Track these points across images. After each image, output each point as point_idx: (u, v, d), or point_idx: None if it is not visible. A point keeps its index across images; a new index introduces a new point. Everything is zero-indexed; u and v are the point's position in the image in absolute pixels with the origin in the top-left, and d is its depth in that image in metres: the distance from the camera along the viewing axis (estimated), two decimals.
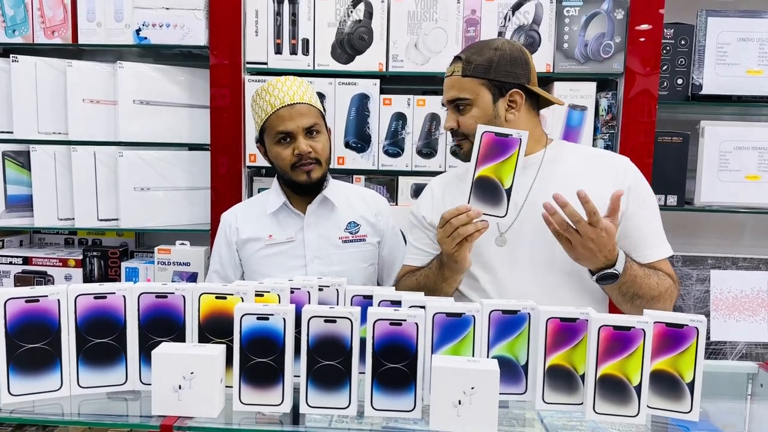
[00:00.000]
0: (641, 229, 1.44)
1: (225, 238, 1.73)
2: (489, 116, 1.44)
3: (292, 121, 1.59)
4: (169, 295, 1.13)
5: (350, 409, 1.06)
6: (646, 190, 1.48)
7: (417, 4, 2.03)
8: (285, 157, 1.62)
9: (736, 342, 2.09)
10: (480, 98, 1.44)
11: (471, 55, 1.45)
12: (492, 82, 1.43)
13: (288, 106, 1.60)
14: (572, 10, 2.02)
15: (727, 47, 2.05)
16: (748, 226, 2.38)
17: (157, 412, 1.05)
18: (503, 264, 1.46)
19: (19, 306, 1.07)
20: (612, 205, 1.28)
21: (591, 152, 1.57)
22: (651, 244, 1.45)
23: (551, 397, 1.10)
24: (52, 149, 2.13)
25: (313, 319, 1.05)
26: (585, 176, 1.44)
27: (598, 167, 1.48)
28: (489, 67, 1.43)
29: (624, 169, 1.46)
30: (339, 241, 1.68)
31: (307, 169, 1.61)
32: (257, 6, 2.05)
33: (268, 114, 1.62)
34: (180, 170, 2.20)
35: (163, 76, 2.16)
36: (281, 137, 1.61)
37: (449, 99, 1.48)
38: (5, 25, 2.11)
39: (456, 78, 1.46)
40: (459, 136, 1.48)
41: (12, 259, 2.23)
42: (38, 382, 1.09)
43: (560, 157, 1.50)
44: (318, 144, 1.62)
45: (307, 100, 1.62)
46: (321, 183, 1.67)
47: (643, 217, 1.45)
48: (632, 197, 1.43)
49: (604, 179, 1.44)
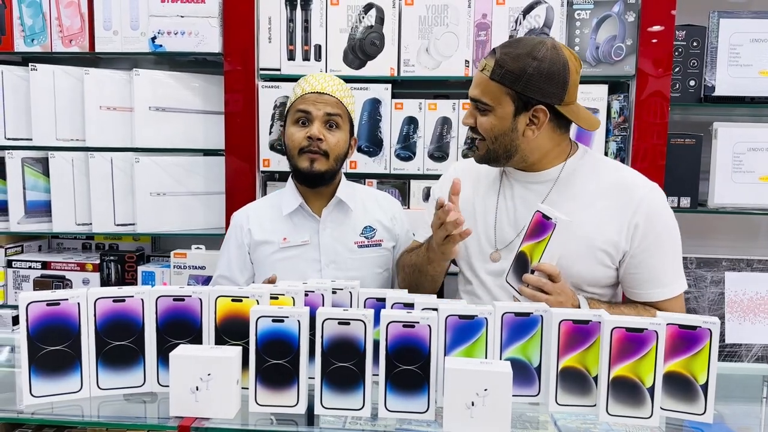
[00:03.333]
0: (648, 269, 1.38)
1: (236, 240, 1.70)
2: (506, 128, 1.35)
3: (314, 105, 1.59)
4: (186, 298, 1.15)
5: (364, 410, 1.07)
6: (660, 227, 1.37)
7: (428, 9, 2.05)
8: (296, 138, 1.60)
9: (752, 344, 2.08)
10: (501, 108, 1.34)
11: (506, 57, 1.32)
12: (519, 94, 1.32)
13: (316, 93, 1.60)
14: (583, 13, 2.02)
15: (740, 48, 2.05)
16: (762, 227, 2.36)
17: (174, 413, 1.06)
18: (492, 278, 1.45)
19: (40, 309, 1.10)
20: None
21: (612, 179, 1.41)
22: (654, 284, 1.39)
23: (564, 399, 1.10)
24: (70, 155, 2.17)
25: (327, 321, 1.06)
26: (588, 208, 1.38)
27: (613, 198, 1.38)
28: (519, 78, 1.31)
29: (636, 203, 1.36)
30: (354, 246, 1.66)
31: (312, 156, 1.58)
32: (270, 13, 2.08)
33: (297, 96, 1.63)
34: (195, 175, 2.23)
35: (178, 82, 2.19)
36: (300, 117, 1.61)
37: (472, 97, 1.38)
38: (24, 35, 2.16)
39: (483, 78, 1.35)
40: (477, 133, 1.41)
41: (31, 263, 2.28)
42: (59, 384, 1.12)
43: (578, 176, 1.42)
44: (332, 137, 1.60)
45: (338, 95, 1.62)
46: (324, 177, 1.61)
47: (654, 255, 1.37)
48: (639, 236, 1.36)
49: (611, 211, 1.37)
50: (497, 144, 1.38)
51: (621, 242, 1.36)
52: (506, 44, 1.36)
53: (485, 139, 1.39)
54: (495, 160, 1.43)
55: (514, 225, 1.45)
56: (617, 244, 1.37)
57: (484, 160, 1.44)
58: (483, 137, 1.39)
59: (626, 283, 1.42)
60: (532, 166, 1.43)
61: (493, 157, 1.42)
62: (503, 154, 1.40)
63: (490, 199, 1.50)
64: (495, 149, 1.39)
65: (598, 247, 1.37)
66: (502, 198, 1.48)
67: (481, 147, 1.41)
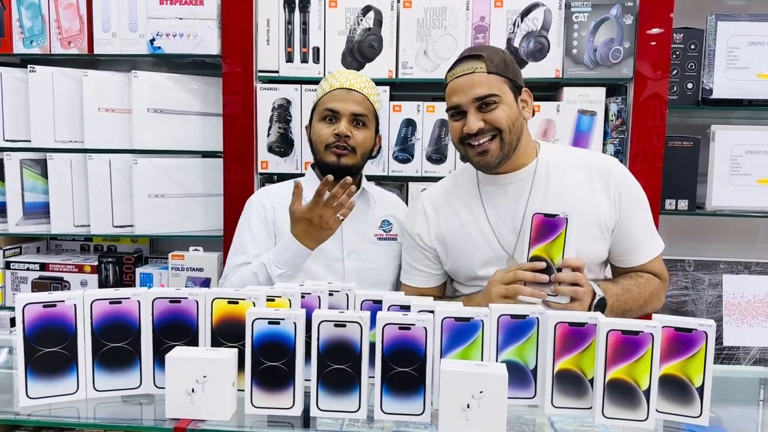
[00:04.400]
0: (634, 234, 1.48)
1: (258, 216, 1.66)
2: (515, 114, 1.42)
3: (342, 102, 1.61)
4: (182, 300, 1.15)
5: (360, 412, 1.07)
6: (635, 191, 1.49)
7: (426, 11, 2.05)
8: (323, 134, 1.62)
9: (750, 347, 2.08)
10: (506, 95, 1.42)
11: (488, 54, 1.42)
12: (510, 80, 1.43)
13: (344, 89, 1.62)
14: (581, 16, 2.02)
15: (738, 51, 2.05)
16: (760, 230, 2.37)
17: (170, 415, 1.06)
18: None
19: (37, 311, 1.10)
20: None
21: (576, 156, 1.54)
22: (643, 247, 1.49)
23: (560, 402, 1.10)
24: (69, 157, 2.17)
25: (323, 323, 1.06)
26: (577, 186, 1.46)
27: (588, 173, 1.48)
28: (507, 66, 1.43)
29: (612, 176, 1.46)
30: (374, 238, 1.70)
31: (339, 152, 1.61)
32: (269, 15, 2.08)
33: (324, 92, 1.65)
34: (193, 177, 2.23)
35: (177, 84, 2.19)
36: (327, 115, 1.63)
37: (477, 96, 1.40)
38: (23, 37, 2.16)
39: (482, 75, 1.40)
40: (487, 134, 1.41)
41: (29, 265, 2.28)
42: (55, 386, 1.12)
43: (552, 165, 1.49)
44: (359, 134, 1.62)
45: (366, 93, 1.64)
46: (350, 172, 1.61)
47: (636, 220, 1.48)
48: (623, 204, 1.46)
49: (596, 189, 1.46)
50: (513, 133, 1.42)
51: (612, 213, 1.45)
52: (474, 49, 1.48)
53: (501, 132, 1.41)
54: (506, 157, 1.44)
55: (512, 228, 1.47)
56: (610, 216, 1.45)
57: (496, 161, 1.43)
58: (496, 134, 1.41)
59: (616, 252, 1.50)
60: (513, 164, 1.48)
61: (507, 153, 1.43)
62: (516, 143, 1.44)
63: (476, 210, 1.52)
64: (511, 140, 1.43)
65: (596, 222, 1.45)
66: (488, 207, 1.51)
67: (494, 148, 1.42)
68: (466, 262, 1.51)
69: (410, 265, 1.60)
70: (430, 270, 1.58)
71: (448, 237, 1.53)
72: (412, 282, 1.60)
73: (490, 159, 1.43)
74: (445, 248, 1.54)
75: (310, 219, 1.48)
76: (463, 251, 1.51)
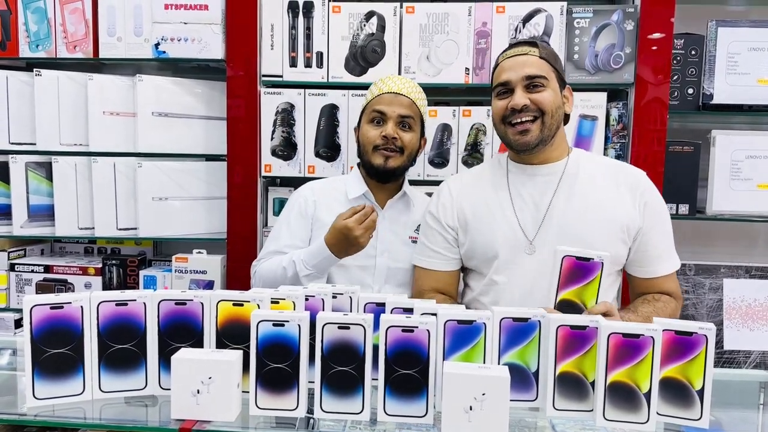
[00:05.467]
0: (654, 245, 1.50)
1: (299, 210, 1.74)
2: (558, 102, 1.49)
3: (390, 105, 1.67)
4: (188, 302, 1.16)
5: (363, 414, 1.08)
6: (660, 206, 1.53)
7: (429, 17, 2.07)
8: (371, 136, 1.68)
9: (750, 351, 2.08)
10: (553, 82, 1.48)
11: (542, 42, 1.53)
12: (558, 72, 1.51)
13: (393, 93, 1.69)
14: (582, 22, 2.04)
15: (738, 57, 2.06)
16: (761, 234, 2.37)
17: (176, 416, 1.08)
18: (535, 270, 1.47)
19: (44, 312, 1.11)
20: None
21: (607, 162, 1.61)
22: (660, 261, 1.52)
23: (562, 404, 1.11)
24: (73, 160, 2.19)
25: (327, 325, 1.08)
26: (605, 189, 1.50)
27: (616, 179, 1.52)
28: (556, 59, 1.52)
29: (640, 185, 1.51)
30: (408, 240, 1.74)
31: (387, 154, 1.67)
32: (273, 20, 2.10)
33: (374, 96, 1.71)
34: (197, 180, 2.24)
35: (181, 88, 2.21)
36: (375, 117, 1.69)
37: (528, 75, 1.47)
38: (29, 41, 2.18)
39: (534, 57, 1.48)
40: (530, 114, 1.47)
41: (34, 267, 2.29)
42: (62, 387, 1.13)
43: (582, 165, 1.54)
44: (406, 135, 1.68)
45: (413, 97, 1.70)
46: (395, 173, 1.70)
47: (658, 232, 1.50)
48: (648, 213, 1.49)
49: (623, 193, 1.50)
50: (555, 118, 1.48)
51: (636, 219, 1.48)
52: (528, 39, 1.59)
53: (543, 115, 1.46)
54: (544, 142, 1.49)
55: (535, 217, 1.50)
56: (634, 221, 1.48)
57: (535, 142, 1.48)
58: (538, 116, 1.47)
59: (635, 261, 1.52)
60: (550, 155, 1.53)
61: (546, 137, 1.48)
62: (555, 130, 1.50)
63: (503, 194, 1.55)
64: (551, 124, 1.48)
65: (619, 225, 1.47)
66: (514, 193, 1.54)
67: (534, 128, 1.47)
68: (486, 240, 1.52)
69: (426, 246, 1.62)
70: (446, 252, 1.60)
71: (469, 216, 1.56)
72: (424, 263, 1.62)
73: (530, 139, 1.47)
74: (465, 228, 1.56)
75: (347, 234, 1.53)
76: (484, 230, 1.53)
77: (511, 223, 1.51)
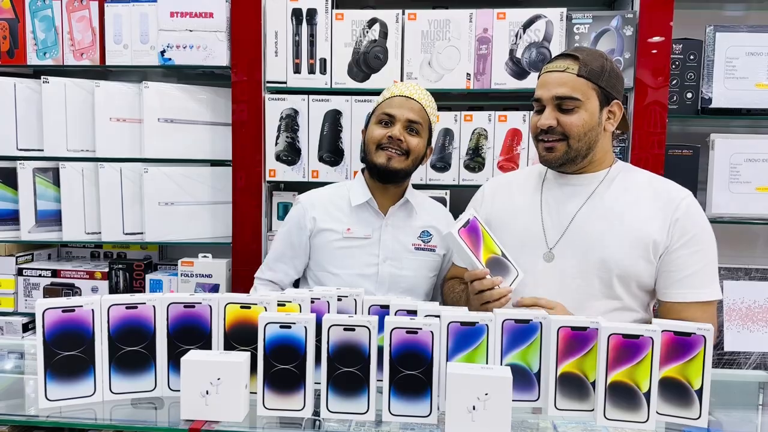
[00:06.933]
0: (679, 268, 1.42)
1: (297, 223, 1.75)
2: (594, 123, 1.43)
3: (400, 108, 1.68)
4: (196, 305, 1.19)
5: (368, 414, 1.11)
6: (696, 227, 1.42)
7: (430, 23, 2.09)
8: (377, 135, 1.69)
9: (750, 353, 2.10)
10: (590, 102, 1.42)
11: (586, 57, 1.43)
12: (602, 89, 1.43)
13: (404, 97, 1.69)
14: (582, 28, 2.06)
15: (736, 61, 2.08)
16: (760, 237, 2.39)
17: (185, 417, 1.10)
18: (551, 278, 1.47)
19: (56, 315, 1.14)
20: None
21: (649, 178, 1.52)
22: (683, 285, 1.41)
23: (563, 404, 1.13)
24: (80, 166, 2.21)
25: (333, 327, 1.10)
26: (632, 204, 1.45)
27: (653, 195, 1.46)
28: (602, 74, 1.42)
29: (674, 203, 1.43)
30: (412, 248, 1.74)
31: (390, 154, 1.66)
32: (277, 27, 2.12)
33: (384, 98, 1.72)
34: (202, 185, 2.27)
35: (187, 95, 2.23)
36: (384, 119, 1.69)
37: (558, 95, 1.42)
38: (37, 48, 2.21)
39: (570, 75, 1.42)
40: (555, 136, 1.44)
41: (41, 272, 2.31)
42: (73, 388, 1.15)
43: (620, 177, 1.50)
44: (413, 140, 1.68)
45: (423, 103, 1.70)
46: (398, 175, 1.69)
47: (689, 255, 1.41)
48: (676, 233, 1.41)
49: (655, 210, 1.44)
50: (583, 141, 1.44)
51: (663, 236, 1.42)
52: (575, 49, 1.47)
53: (567, 138, 1.43)
54: (572, 161, 1.47)
55: (558, 225, 1.49)
56: (660, 238, 1.42)
57: (559, 161, 1.47)
58: (563, 137, 1.44)
59: (660, 282, 1.45)
60: (587, 167, 1.50)
61: (572, 157, 1.46)
62: (585, 151, 1.45)
63: (533, 200, 1.55)
64: (579, 147, 1.44)
65: (643, 240, 1.42)
66: (545, 201, 1.53)
67: (560, 148, 1.45)
68: (507, 240, 1.49)
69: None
70: None
71: (497, 215, 1.57)
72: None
73: (554, 157, 1.46)
74: (491, 226, 1.52)
75: None
76: (507, 229, 1.53)
77: (535, 227, 1.51)
